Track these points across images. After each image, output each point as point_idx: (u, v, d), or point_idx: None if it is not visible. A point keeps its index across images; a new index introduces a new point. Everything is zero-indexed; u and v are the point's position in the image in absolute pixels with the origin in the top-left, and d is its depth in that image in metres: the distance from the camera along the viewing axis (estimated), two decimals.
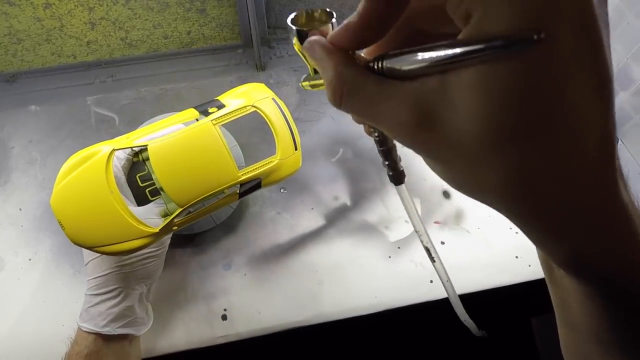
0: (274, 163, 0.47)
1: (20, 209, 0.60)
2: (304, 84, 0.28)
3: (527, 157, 0.14)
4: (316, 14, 0.25)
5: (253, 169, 0.46)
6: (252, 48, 0.75)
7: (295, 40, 0.24)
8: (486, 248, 0.57)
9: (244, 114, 0.47)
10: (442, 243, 0.58)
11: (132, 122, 0.67)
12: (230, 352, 0.52)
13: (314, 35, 0.22)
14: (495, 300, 0.55)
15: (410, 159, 0.33)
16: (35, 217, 0.59)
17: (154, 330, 0.50)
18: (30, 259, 0.56)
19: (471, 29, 0.14)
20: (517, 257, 0.56)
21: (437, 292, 0.54)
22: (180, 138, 0.44)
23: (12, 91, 0.73)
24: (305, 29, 0.23)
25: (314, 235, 0.58)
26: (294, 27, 0.24)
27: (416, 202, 0.61)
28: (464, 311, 0.38)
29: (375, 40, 0.19)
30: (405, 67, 0.17)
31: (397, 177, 0.27)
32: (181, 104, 0.70)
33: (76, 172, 0.42)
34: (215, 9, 0.73)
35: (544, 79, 0.13)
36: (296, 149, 0.49)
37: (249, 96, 0.49)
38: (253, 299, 0.53)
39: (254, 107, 0.48)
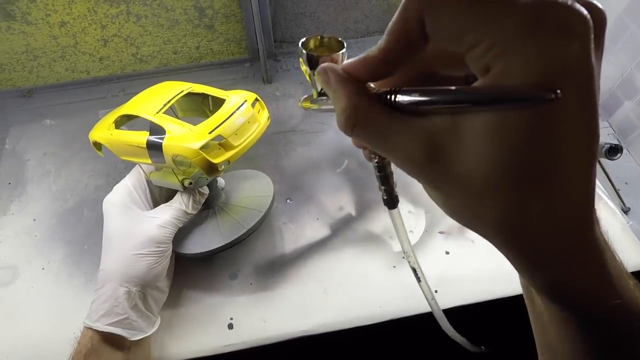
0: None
1: (34, 220, 0.61)
2: (304, 104, 0.28)
3: (526, 198, 0.16)
4: (328, 41, 0.25)
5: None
6: (259, 62, 0.77)
7: (302, 61, 0.25)
8: (491, 258, 0.57)
9: (215, 94, 0.51)
10: (447, 253, 0.58)
11: None
12: None
13: (324, 61, 0.23)
14: (500, 311, 0.55)
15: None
16: (48, 227, 0.61)
17: (161, 338, 0.51)
18: (43, 268, 0.57)
19: (489, 80, 0.15)
20: None
21: (442, 302, 0.53)
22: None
23: (28, 106, 0.76)
24: (315, 54, 0.24)
25: (319, 245, 0.59)
26: (304, 51, 0.24)
27: (421, 213, 0.62)
28: (451, 327, 0.37)
29: (388, 75, 0.20)
30: (420, 105, 0.17)
31: (392, 201, 0.28)
32: None
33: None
34: (223, 25, 0.75)
35: (550, 131, 0.15)
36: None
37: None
38: (259, 308, 0.54)
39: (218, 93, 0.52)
